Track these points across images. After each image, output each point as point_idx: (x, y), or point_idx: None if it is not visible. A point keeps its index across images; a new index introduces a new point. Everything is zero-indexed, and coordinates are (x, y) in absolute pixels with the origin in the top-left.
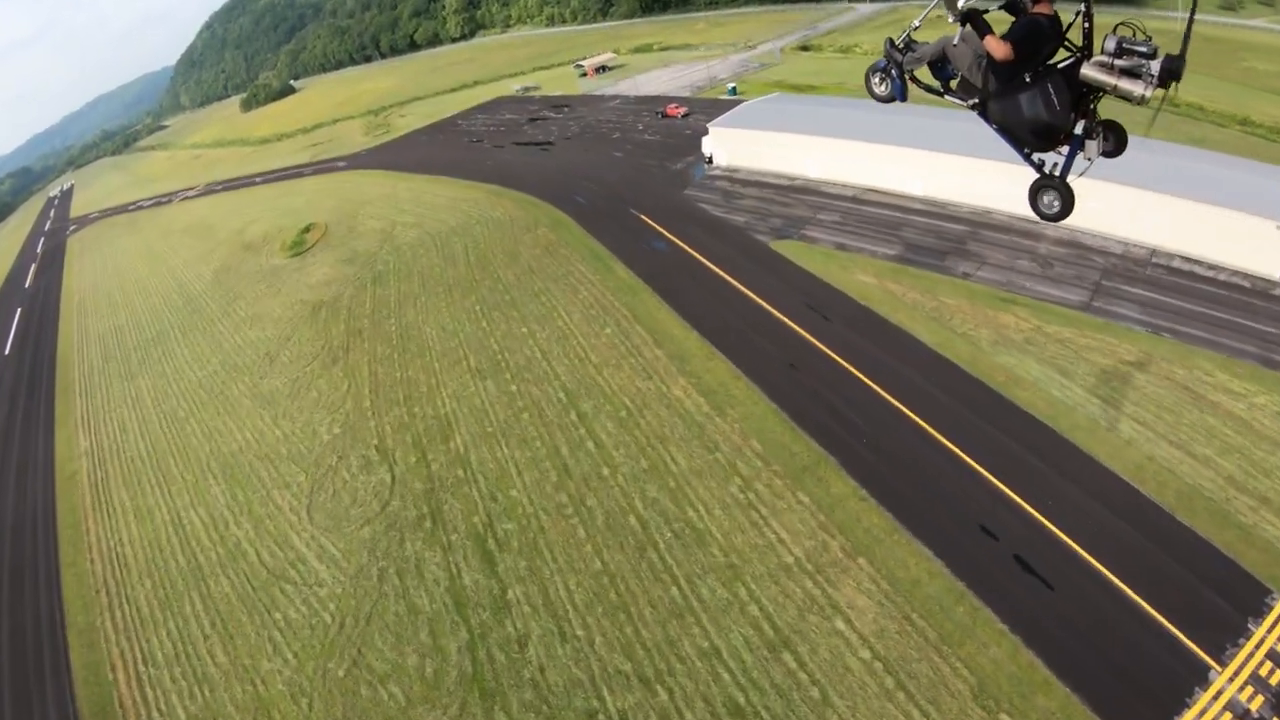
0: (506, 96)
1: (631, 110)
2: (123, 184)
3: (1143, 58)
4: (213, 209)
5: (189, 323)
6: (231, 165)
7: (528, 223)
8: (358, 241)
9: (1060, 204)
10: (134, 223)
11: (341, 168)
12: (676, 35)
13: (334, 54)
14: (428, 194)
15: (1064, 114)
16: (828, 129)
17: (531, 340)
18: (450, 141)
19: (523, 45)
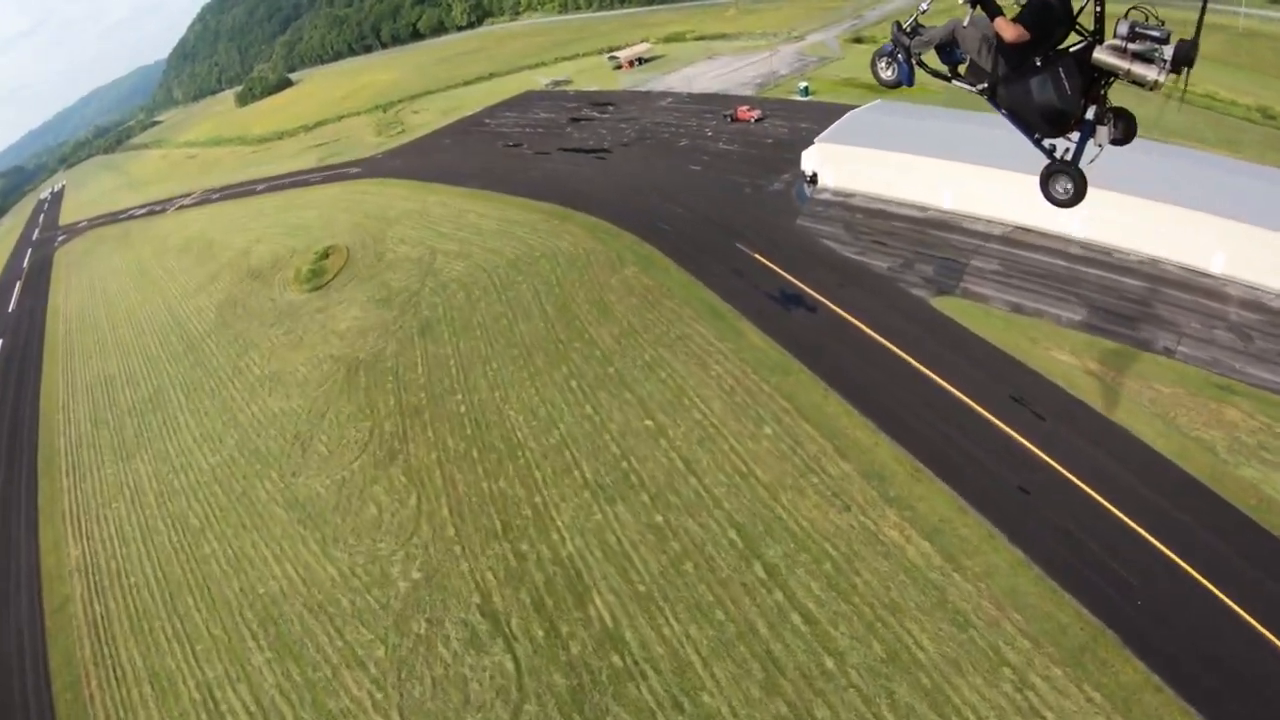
0: (535, 91)
1: (691, 111)
2: (114, 186)
3: (1156, 42)
4: (211, 221)
5: (192, 379)
6: (229, 167)
7: (608, 259)
8: (390, 274)
9: (1073, 190)
10: (125, 235)
11: (355, 175)
12: (707, 23)
13: (332, 44)
14: (469, 213)
15: (1075, 99)
16: (964, 151)
17: (663, 440)
18: (481, 145)
19: (536, 33)
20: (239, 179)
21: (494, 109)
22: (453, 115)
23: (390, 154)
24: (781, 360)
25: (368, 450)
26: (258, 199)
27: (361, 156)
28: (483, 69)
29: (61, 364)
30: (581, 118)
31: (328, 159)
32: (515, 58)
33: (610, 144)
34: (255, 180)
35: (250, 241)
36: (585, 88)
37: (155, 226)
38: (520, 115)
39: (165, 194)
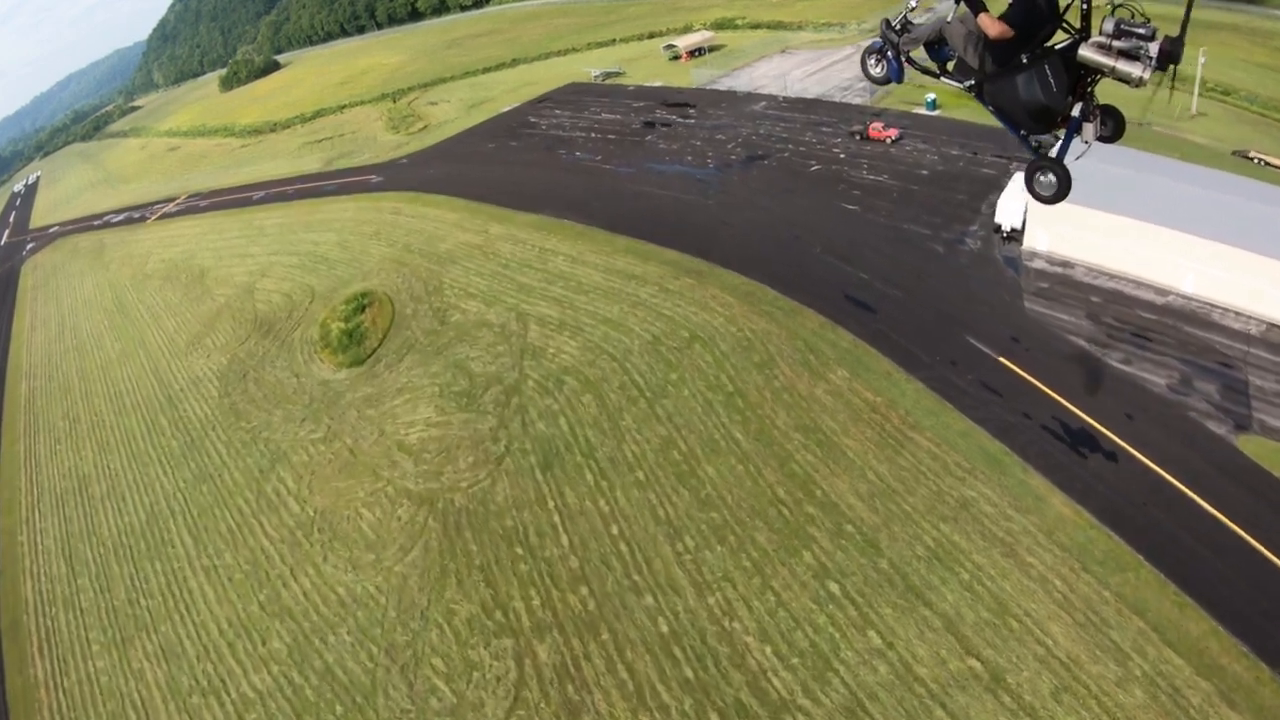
0: (583, 84)
1: (800, 122)
2: (90, 181)
3: (1141, 39)
4: (200, 240)
5: (200, 503)
6: (217, 165)
7: (796, 351)
8: (464, 348)
9: (1057, 185)
10: (99, 251)
11: (378, 184)
12: (756, 9)
13: (322, 25)
14: (555, 255)
15: (1061, 96)
16: (1206, 221)
17: (1005, 696)
18: (536, 152)
19: (555, 15)
20: (229, 181)
21: (538, 105)
22: (484, 110)
23: (418, 158)
24: (1110, 547)
25: (519, 699)
26: (256, 212)
27: (379, 159)
28: (501, 54)
29: (23, 445)
30: (658, 121)
31: (336, 160)
32: (538, 42)
33: (714, 161)
34: (250, 186)
35: (253, 274)
36: (646, 82)
37: (134, 241)
38: (575, 114)
39: (144, 195)
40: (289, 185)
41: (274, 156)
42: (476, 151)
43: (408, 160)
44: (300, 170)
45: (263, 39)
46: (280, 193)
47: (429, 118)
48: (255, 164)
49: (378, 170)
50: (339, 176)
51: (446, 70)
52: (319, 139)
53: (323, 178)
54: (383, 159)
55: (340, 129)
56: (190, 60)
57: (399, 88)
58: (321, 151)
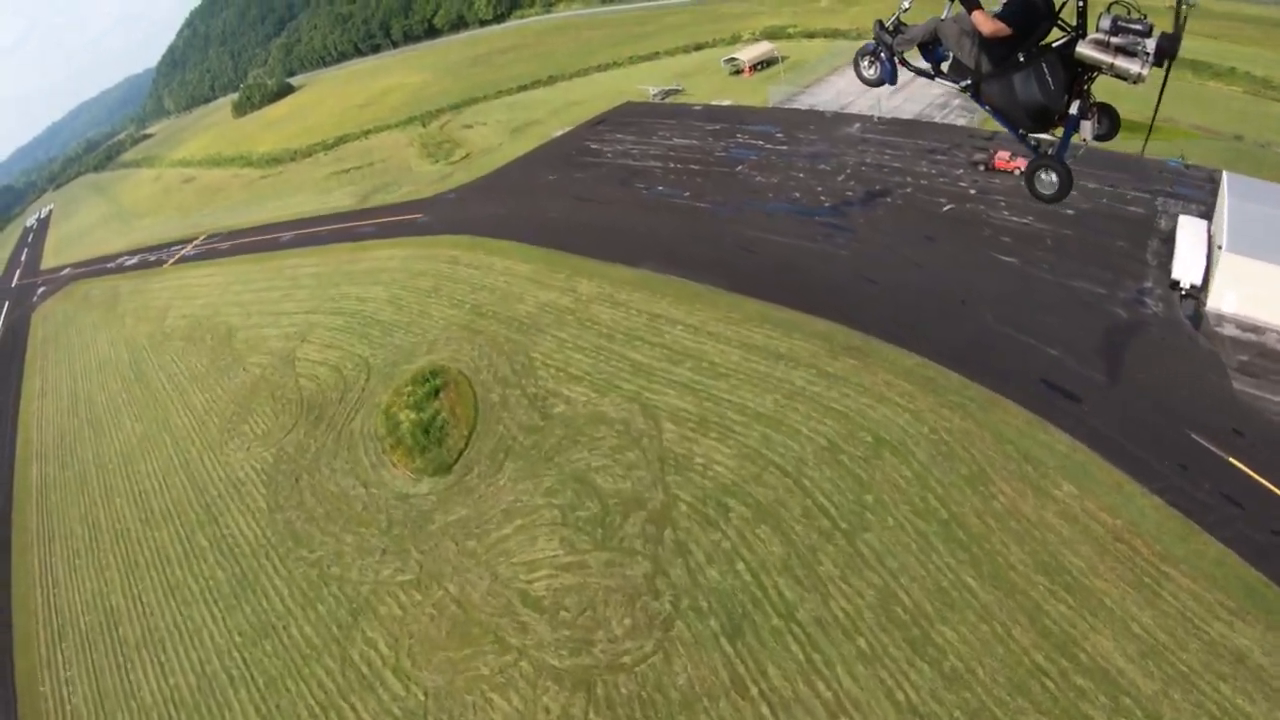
0: (641, 104)
1: (909, 149)
2: (103, 216)
3: (1138, 36)
4: (224, 291)
5: (264, 665)
6: (235, 199)
7: (1008, 459)
8: (580, 452)
9: (1058, 184)
10: (113, 300)
11: (425, 225)
12: (806, 17)
13: (335, 45)
14: (674, 326)
15: (1059, 94)
16: None
17: None
18: (608, 185)
19: (584, 27)
20: (251, 219)
21: (595, 128)
22: (530, 135)
23: (467, 193)
24: None
25: None
26: (286, 258)
27: (421, 194)
28: (534, 71)
29: (37, 555)
30: (742, 146)
31: (372, 196)
32: (572, 57)
33: (828, 198)
34: (275, 225)
35: (290, 338)
36: (713, 101)
37: (150, 290)
38: (642, 140)
39: (160, 234)
40: (320, 225)
41: (298, 190)
42: (536, 184)
43: (455, 195)
44: (331, 207)
45: (274, 61)
46: (311, 234)
47: (468, 144)
48: (278, 198)
49: (422, 207)
50: (378, 215)
51: (476, 89)
52: (345, 169)
53: (359, 216)
54: (425, 193)
55: (368, 157)
56: (201, 85)
57: (427, 110)
58: (352, 184)
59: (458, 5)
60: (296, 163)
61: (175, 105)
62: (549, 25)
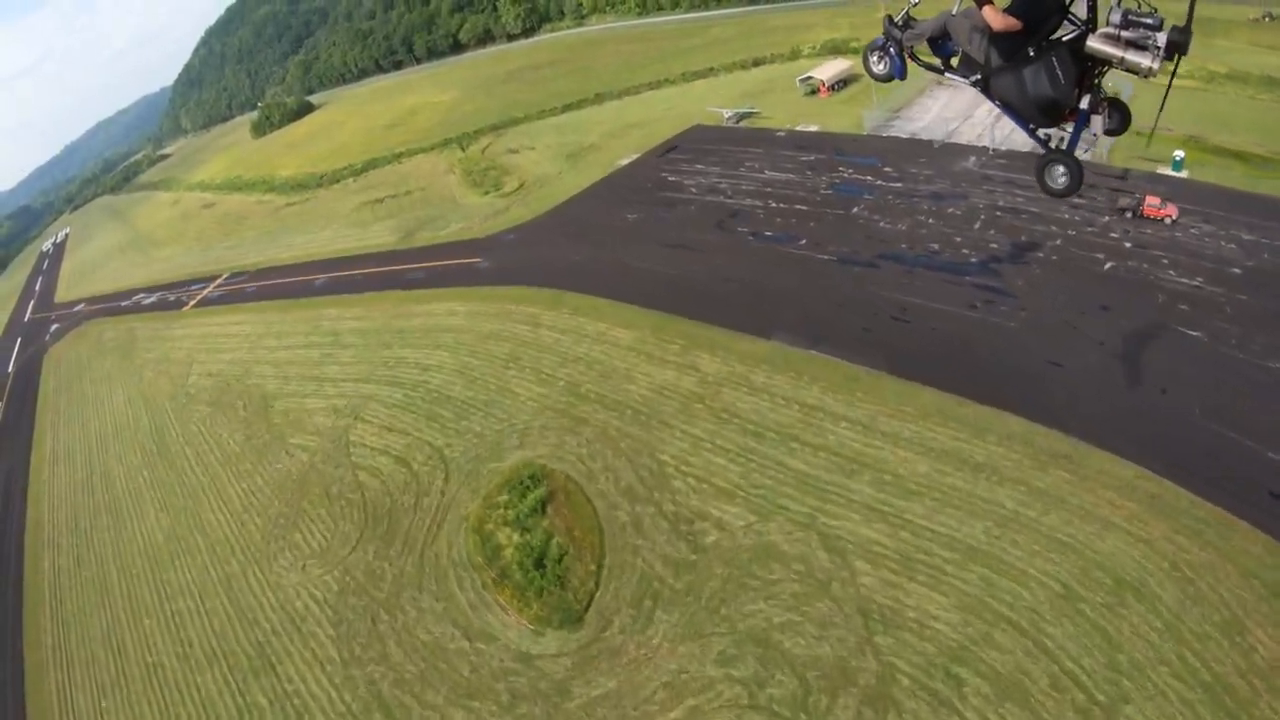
0: (712, 127)
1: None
2: (119, 244)
3: (1149, 30)
4: (255, 346)
5: None
6: (260, 229)
7: (1261, 602)
8: (755, 603)
9: (1069, 178)
10: (130, 346)
11: (488, 273)
12: (861, 28)
13: (355, 62)
14: (840, 426)
15: (1069, 88)
16: None
17: None
18: (702, 229)
19: (622, 40)
20: (278, 256)
21: (667, 155)
22: (590, 162)
23: (530, 232)
24: None
25: None
26: (323, 307)
27: (473, 232)
28: (576, 88)
29: (54, 680)
30: (853, 183)
31: (416, 232)
32: (616, 73)
33: (972, 251)
34: (307, 265)
35: (340, 414)
36: (797, 125)
37: (169, 337)
38: (729, 171)
39: (179, 268)
40: (359, 267)
41: (327, 221)
42: (614, 224)
43: (516, 236)
44: (369, 244)
45: (292, 79)
46: (350, 278)
47: (518, 171)
48: (306, 230)
49: (479, 249)
50: (427, 257)
51: (515, 108)
52: (379, 198)
53: (405, 258)
54: (479, 231)
55: (404, 184)
56: (218, 105)
57: (463, 131)
58: (388, 216)
59: (484, 19)
60: (323, 189)
61: (192, 124)
62: (583, 39)
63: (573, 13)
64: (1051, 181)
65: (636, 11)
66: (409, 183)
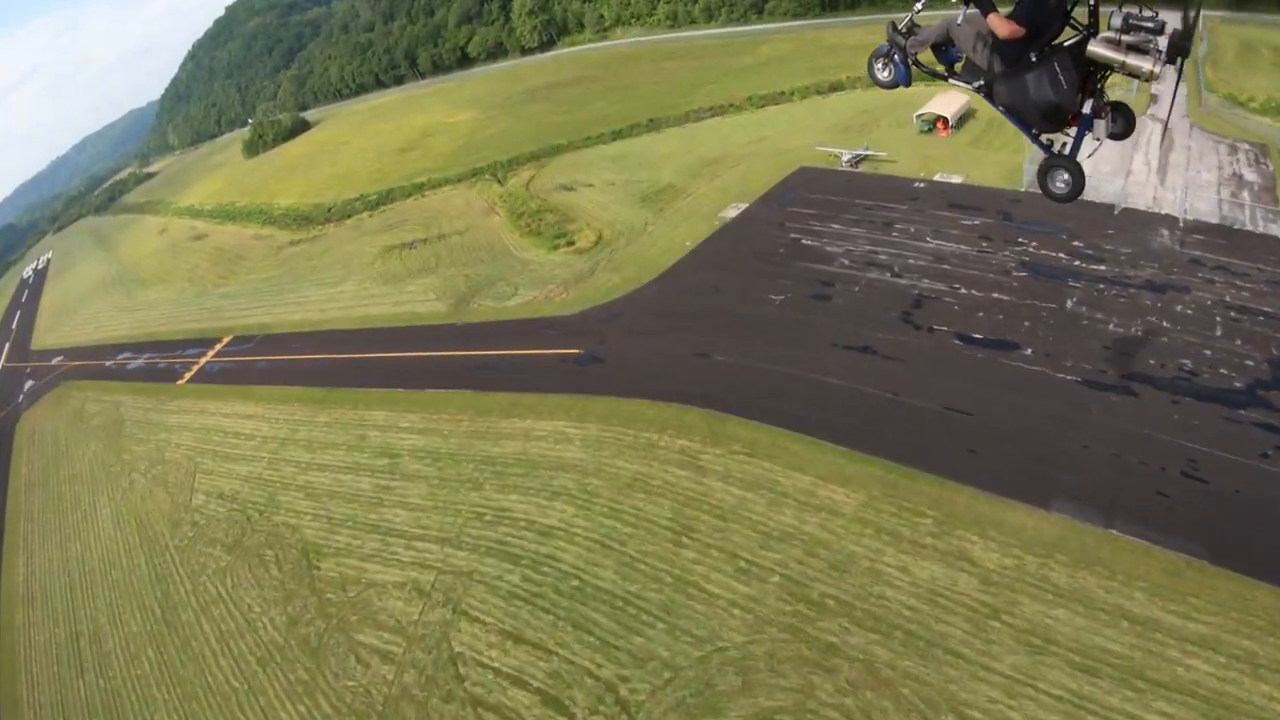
0: (823, 170)
1: (1251, 271)
2: (102, 279)
3: (1150, 33)
4: (276, 455)
5: None
6: (262, 273)
7: None
8: None
9: (1071, 183)
10: (116, 430)
11: (596, 375)
12: None
13: (353, 76)
14: (1191, 657)
15: (1072, 93)
16: None
17: None
18: (874, 321)
19: (662, 56)
20: (291, 314)
21: (784, 207)
22: (678, 210)
23: (634, 310)
24: None
25: None
26: (367, 406)
27: (552, 305)
28: (621, 111)
29: None
30: (1042, 264)
31: (471, 298)
32: (663, 94)
33: (1228, 370)
34: (333, 336)
35: (427, 599)
36: (936, 176)
37: (164, 425)
38: (876, 233)
39: (169, 319)
40: (405, 345)
41: (346, 268)
42: (757, 307)
43: (619, 314)
44: (411, 311)
45: (284, 95)
46: (395, 363)
47: (583, 216)
48: (320, 280)
49: (572, 332)
50: (501, 340)
51: (552, 133)
52: (406, 241)
53: (468, 339)
54: (564, 305)
55: (434, 223)
56: (206, 120)
57: (494, 159)
58: (425, 269)
59: (495, 32)
60: (333, 224)
61: (180, 141)
62: (611, 54)
63: (593, 25)
64: (1053, 187)
65: (667, 24)
66: (441, 222)
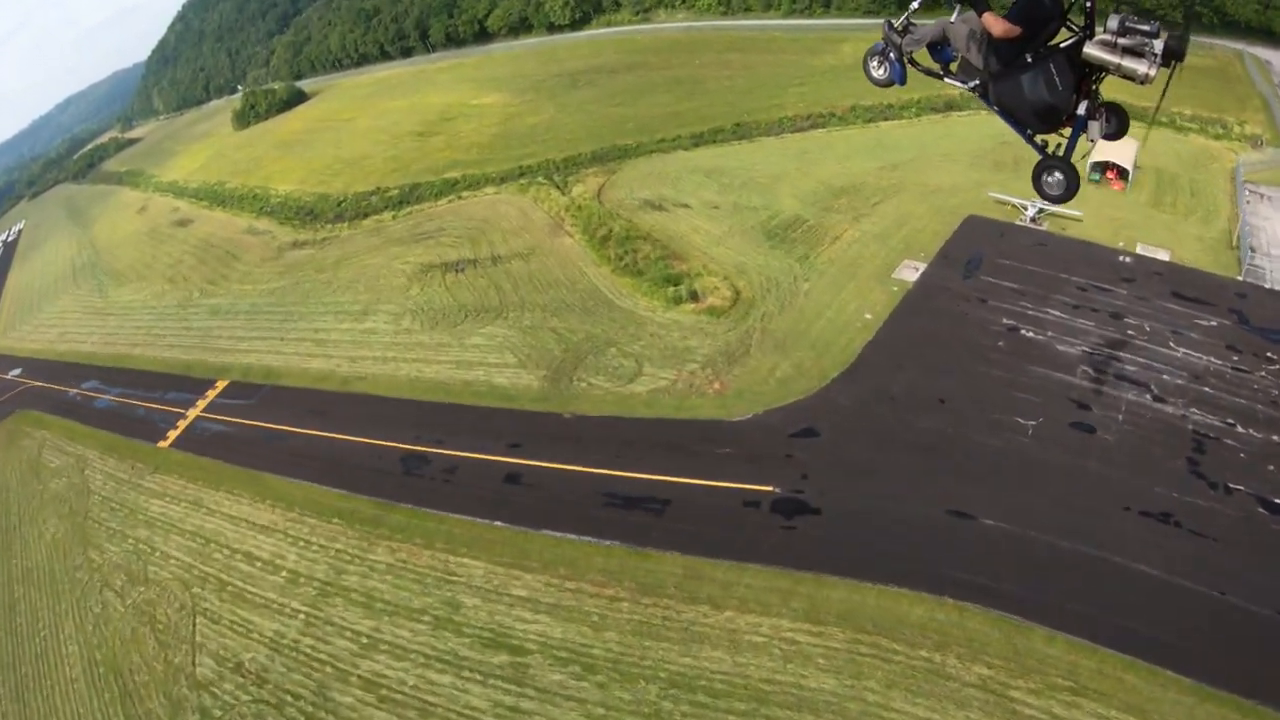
0: (998, 223)
1: None
2: (73, 264)
3: (1146, 36)
4: (317, 607)
5: None
6: (260, 285)
7: None
8: None
9: (1065, 184)
10: (81, 511)
11: (804, 531)
12: None
13: (355, 46)
14: None
15: (1066, 94)
16: None
17: None
18: (1162, 471)
19: (728, 48)
20: (309, 360)
21: (971, 272)
22: (830, 262)
23: (828, 423)
24: None
25: None
26: (454, 551)
27: (704, 402)
28: (691, 109)
29: None
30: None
31: (571, 373)
32: (740, 94)
33: None
34: (367, 402)
35: None
36: (1138, 247)
37: (146, 520)
38: (1105, 328)
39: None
40: (488, 445)
41: (372, 293)
42: (1014, 446)
43: (811, 427)
44: (488, 383)
45: (278, 62)
46: (480, 472)
47: (688, 250)
48: (340, 309)
49: (742, 447)
50: (639, 457)
51: (611, 129)
52: (449, 260)
53: (583, 445)
54: (719, 401)
55: (483, 237)
56: (194, 85)
57: (544, 156)
58: (485, 307)
59: (520, 5)
60: (347, 225)
61: (165, 105)
62: (661, 40)
63: (633, 5)
64: (1047, 188)
65: (719, 10)
66: (492, 237)
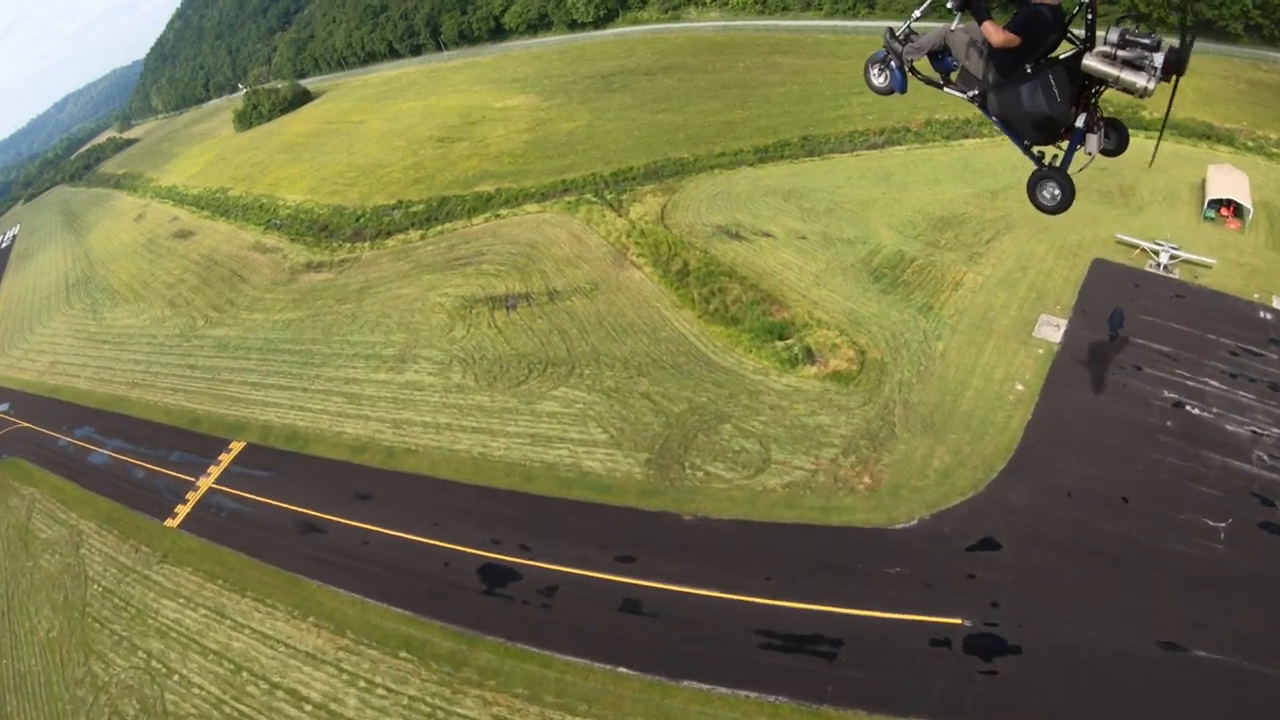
0: (1130, 271)
1: None
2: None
3: (1146, 49)
4: None
5: None
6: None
7: None
8: None
9: (1060, 197)
10: (78, 597)
11: (990, 666)
12: None
13: (361, 43)
14: None
15: (1065, 106)
16: None
17: None
18: None
19: (763, 49)
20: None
21: (1114, 329)
22: (948, 304)
23: (1006, 531)
24: None
25: None
26: None
27: (861, 503)
28: (756, 121)
29: None
30: None
31: (687, 446)
32: (795, 102)
33: None
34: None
35: None
36: (1274, 299)
37: (155, 628)
38: (1268, 400)
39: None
40: (586, 557)
41: (408, 332)
42: (1208, 555)
43: (989, 536)
44: (575, 466)
45: (280, 60)
46: (583, 593)
47: (781, 288)
48: (371, 352)
49: (911, 563)
50: (787, 574)
51: (660, 140)
52: (496, 293)
53: (708, 556)
54: (874, 499)
55: (532, 266)
56: (193, 84)
57: (589, 170)
58: (549, 360)
59: (538, 1)
60: (369, 244)
61: (164, 104)
62: (698, 41)
63: (660, 2)
64: (1043, 199)
65: (755, 9)
66: (544, 265)
